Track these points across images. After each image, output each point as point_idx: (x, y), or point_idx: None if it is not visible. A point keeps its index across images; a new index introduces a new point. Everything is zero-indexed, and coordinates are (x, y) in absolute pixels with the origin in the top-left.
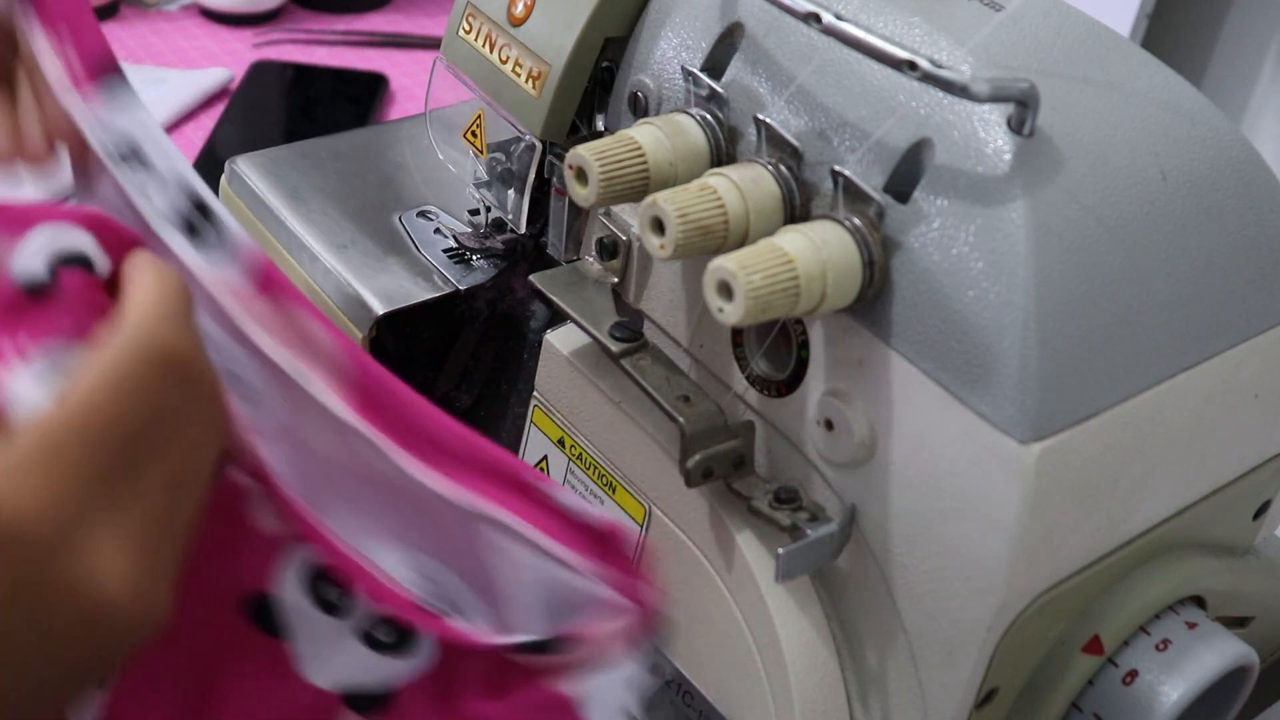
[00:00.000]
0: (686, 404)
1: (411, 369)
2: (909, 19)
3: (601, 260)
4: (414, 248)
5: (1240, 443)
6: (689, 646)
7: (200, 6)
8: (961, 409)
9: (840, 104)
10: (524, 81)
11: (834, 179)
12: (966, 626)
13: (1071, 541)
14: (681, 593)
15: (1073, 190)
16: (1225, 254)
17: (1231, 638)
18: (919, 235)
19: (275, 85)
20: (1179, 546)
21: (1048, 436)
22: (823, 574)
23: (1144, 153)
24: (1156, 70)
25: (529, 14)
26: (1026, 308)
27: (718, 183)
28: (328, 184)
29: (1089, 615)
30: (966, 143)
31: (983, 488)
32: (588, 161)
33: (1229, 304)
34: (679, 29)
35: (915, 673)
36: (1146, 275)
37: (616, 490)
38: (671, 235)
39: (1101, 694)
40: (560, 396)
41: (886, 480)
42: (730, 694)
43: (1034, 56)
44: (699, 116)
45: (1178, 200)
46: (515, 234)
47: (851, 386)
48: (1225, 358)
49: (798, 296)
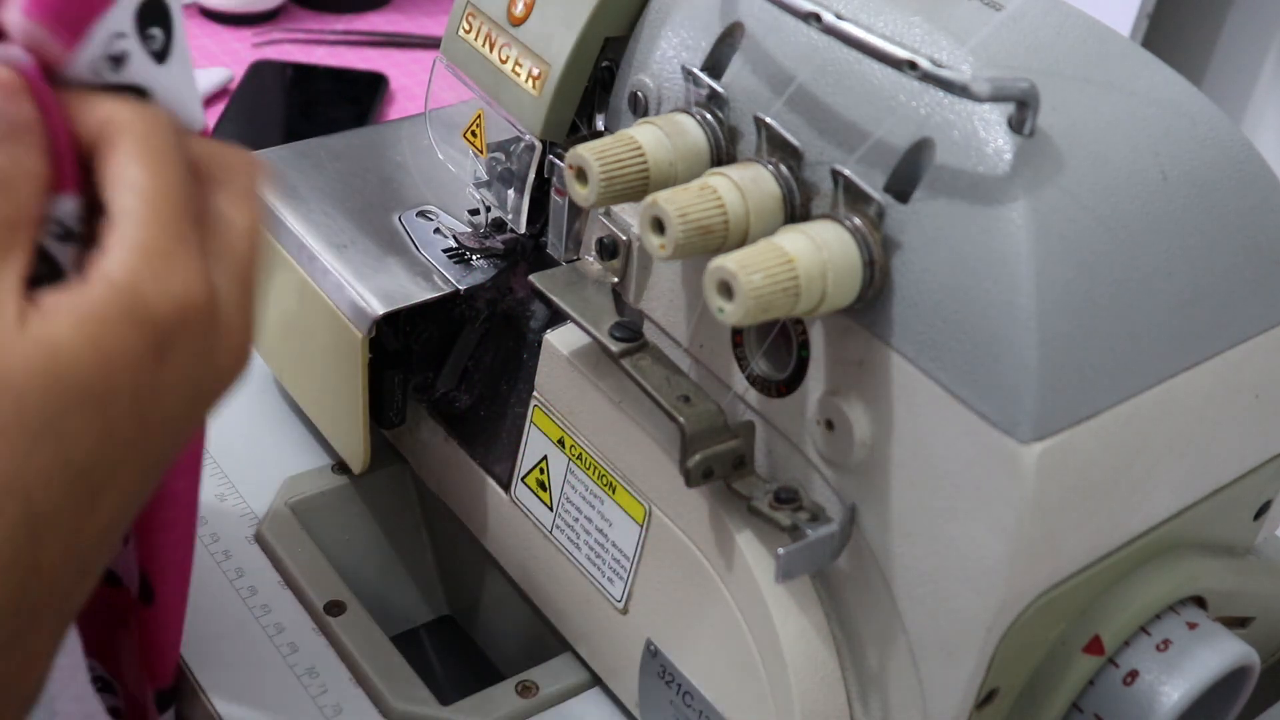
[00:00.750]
0: (686, 404)
1: (411, 369)
2: (909, 18)
3: (601, 260)
4: (413, 247)
5: (1241, 443)
6: (689, 646)
7: (200, 6)
8: (962, 409)
9: (840, 104)
10: (524, 81)
11: (834, 179)
12: (967, 626)
13: (1072, 541)
14: (681, 593)
15: (1073, 190)
16: (1226, 254)
17: (1232, 638)
18: (919, 235)
19: (275, 85)
20: (1179, 547)
21: (1048, 436)
22: (823, 574)
23: (1144, 152)
24: (1157, 70)
25: (529, 14)
26: (1027, 307)
27: (718, 182)
28: (327, 184)
29: (1089, 615)
30: (967, 142)
31: (983, 487)
32: (588, 161)
33: (1230, 304)
34: (679, 28)
35: (915, 672)
36: (1147, 275)
37: (616, 490)
38: (671, 235)
39: (1102, 694)
40: (560, 396)
41: (886, 480)
42: (730, 694)
43: (1034, 56)
44: (699, 116)
45: (1178, 200)
46: (515, 234)
47: (852, 386)
48: (1226, 357)
49: (798, 296)
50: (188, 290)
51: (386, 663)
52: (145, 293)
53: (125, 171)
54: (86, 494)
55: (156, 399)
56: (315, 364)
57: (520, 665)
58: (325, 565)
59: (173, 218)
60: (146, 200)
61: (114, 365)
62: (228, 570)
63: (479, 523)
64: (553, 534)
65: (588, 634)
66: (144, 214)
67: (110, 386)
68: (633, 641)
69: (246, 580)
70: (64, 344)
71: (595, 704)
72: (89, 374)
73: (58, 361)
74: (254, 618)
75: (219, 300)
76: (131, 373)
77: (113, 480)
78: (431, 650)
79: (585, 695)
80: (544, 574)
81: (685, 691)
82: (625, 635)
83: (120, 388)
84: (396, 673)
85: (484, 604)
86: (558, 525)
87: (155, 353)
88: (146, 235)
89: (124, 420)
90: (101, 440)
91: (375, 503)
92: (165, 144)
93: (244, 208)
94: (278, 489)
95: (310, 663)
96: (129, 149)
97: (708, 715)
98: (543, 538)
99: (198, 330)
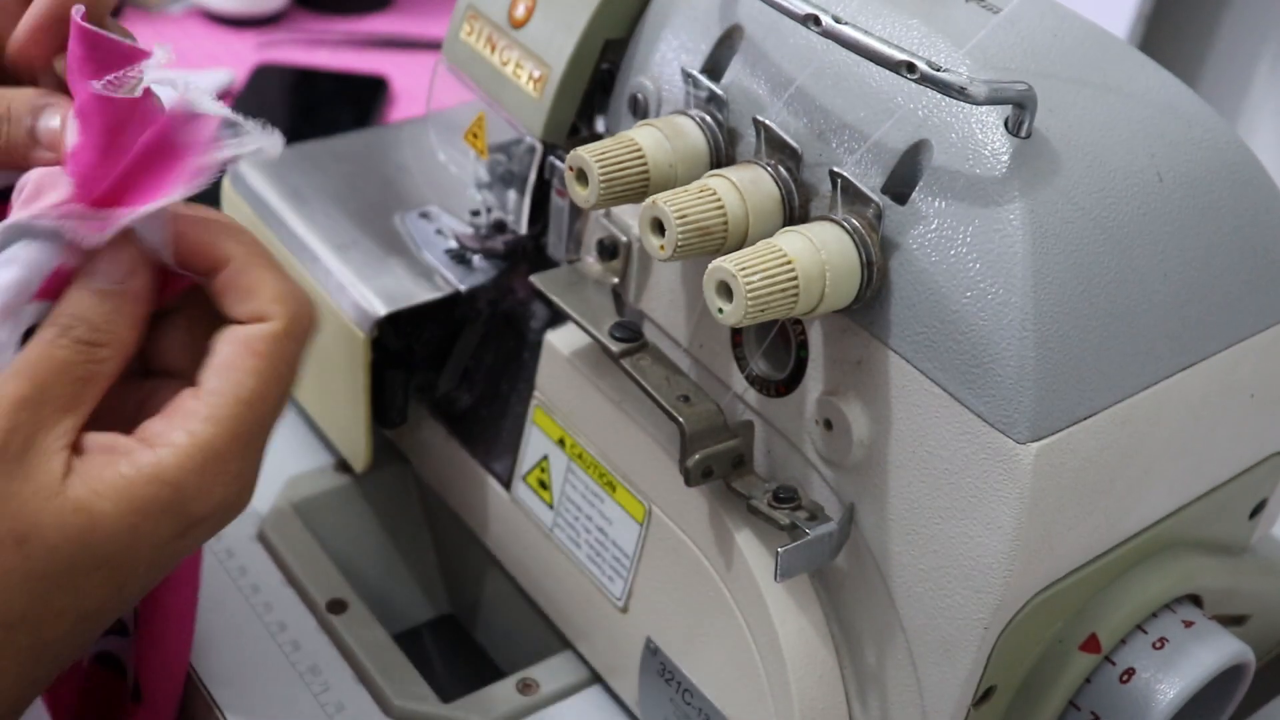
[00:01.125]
0: (686, 404)
1: (412, 369)
2: (907, 21)
3: (601, 261)
4: (415, 248)
5: (1237, 442)
6: (689, 645)
7: (203, 8)
8: (959, 409)
9: (839, 106)
10: (525, 83)
11: (833, 180)
12: (964, 625)
13: (1069, 540)
14: (681, 592)
15: (1070, 191)
16: (1221, 255)
17: (1228, 636)
18: (917, 236)
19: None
20: (1176, 545)
21: (1045, 436)
22: (821, 573)
23: (1140, 154)
24: (1153, 72)
25: (530, 16)
26: (1024, 308)
27: (717, 184)
28: (329, 185)
29: (1086, 613)
30: (964, 144)
31: (980, 487)
32: (588, 163)
33: (1225, 304)
34: (678, 31)
35: (913, 671)
36: (1143, 276)
37: (616, 490)
38: (671, 236)
39: (1099, 692)
40: (560, 396)
41: (885, 479)
42: (729, 692)
43: (1031, 58)
44: (699, 118)
45: (1174, 201)
46: (516, 235)
47: (850, 386)
48: (1222, 358)
49: (797, 297)
50: (226, 496)
51: (388, 661)
52: (189, 495)
53: (239, 364)
54: (89, 626)
55: (167, 563)
56: (317, 364)
57: (521, 663)
58: (327, 564)
59: (250, 426)
60: (239, 402)
61: (141, 543)
62: (230, 569)
63: (480, 522)
64: (553, 533)
65: (588, 632)
66: (227, 414)
67: (132, 557)
68: (633, 640)
69: (249, 579)
70: (101, 520)
71: (595, 702)
72: (117, 547)
73: (93, 532)
74: (256, 616)
75: None
76: (153, 549)
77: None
78: (433, 648)
79: (585, 693)
80: (544, 573)
81: (685, 689)
82: (625, 633)
83: (140, 559)
84: (398, 671)
85: (485, 602)
86: (558, 524)
87: (179, 535)
88: (215, 436)
89: (135, 580)
90: (112, 594)
91: (377, 502)
92: (295, 357)
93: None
94: (280, 488)
95: (312, 661)
96: (262, 350)
97: (707, 713)
98: (543, 536)
99: (221, 517)
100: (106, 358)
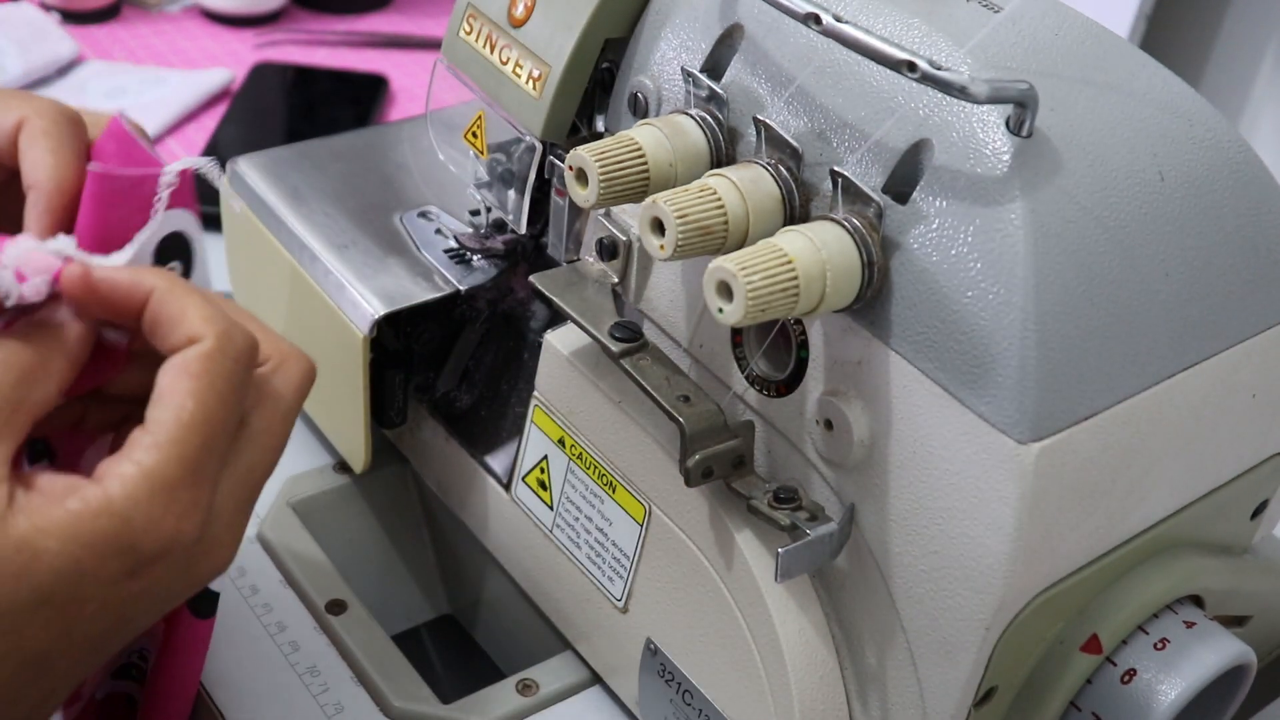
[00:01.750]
0: (686, 404)
1: (411, 369)
2: (908, 20)
3: (601, 260)
4: (414, 248)
5: (1238, 442)
6: (689, 646)
7: (201, 7)
8: (960, 409)
9: (839, 105)
10: (524, 82)
11: (833, 179)
12: (965, 625)
13: (1070, 541)
14: (681, 592)
15: (1071, 191)
16: (1223, 254)
17: (1229, 637)
18: (918, 236)
19: (276, 86)
20: (1177, 546)
21: (1046, 436)
22: (822, 573)
23: (1142, 153)
24: (1154, 71)
25: (529, 15)
26: (1025, 308)
27: (717, 183)
28: (329, 184)
29: (1087, 614)
30: (965, 143)
31: (981, 487)
32: (588, 162)
33: (1227, 304)
34: (679, 30)
35: (914, 671)
36: (1145, 275)
37: (616, 490)
38: (671, 236)
39: (1100, 693)
40: (560, 396)
41: (885, 480)
42: (730, 693)
43: (1032, 57)
44: (699, 117)
45: (1175, 201)
46: (515, 234)
47: (851, 386)
48: (1223, 358)
49: (797, 297)
50: (178, 528)
51: (387, 661)
52: (136, 526)
53: (176, 389)
54: (34, 674)
55: (122, 607)
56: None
57: (520, 664)
58: (326, 564)
59: (196, 449)
60: (180, 425)
61: (86, 581)
62: (229, 570)
63: (479, 522)
64: (553, 533)
65: (588, 633)
66: (170, 438)
67: (77, 596)
68: (633, 640)
69: (248, 579)
70: (44, 556)
71: (595, 702)
72: (60, 585)
73: (34, 570)
74: (255, 616)
75: (211, 523)
76: (102, 588)
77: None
78: (432, 649)
79: (585, 694)
80: (544, 573)
81: (685, 690)
82: (625, 634)
83: (88, 598)
84: (397, 671)
85: (484, 603)
86: (558, 524)
87: (130, 574)
88: (160, 462)
89: (85, 623)
90: (59, 638)
91: (376, 502)
92: (232, 374)
93: (278, 428)
94: (279, 488)
95: (311, 661)
96: (196, 370)
97: (707, 714)
98: (543, 537)
99: (179, 557)
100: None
